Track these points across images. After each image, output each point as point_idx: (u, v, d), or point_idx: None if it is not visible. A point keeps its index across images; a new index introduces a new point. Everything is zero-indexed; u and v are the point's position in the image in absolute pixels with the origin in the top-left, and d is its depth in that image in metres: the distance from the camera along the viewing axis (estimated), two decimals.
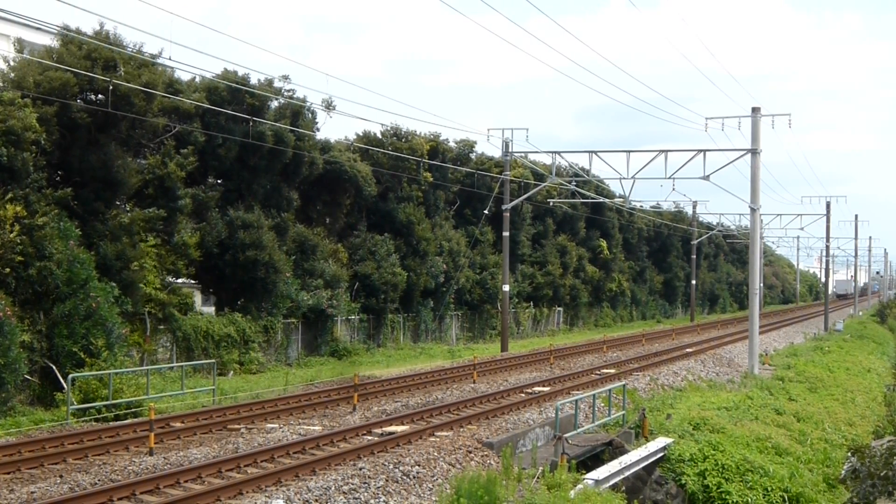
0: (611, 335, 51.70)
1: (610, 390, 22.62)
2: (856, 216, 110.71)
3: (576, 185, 51.75)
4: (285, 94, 34.91)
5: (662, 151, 36.51)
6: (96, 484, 14.40)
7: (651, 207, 66.76)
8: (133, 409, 21.04)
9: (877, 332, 66.23)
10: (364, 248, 40.56)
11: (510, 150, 41.59)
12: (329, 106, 35.53)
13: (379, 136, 43.98)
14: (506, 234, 42.16)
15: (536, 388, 26.46)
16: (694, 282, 78.25)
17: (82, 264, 23.21)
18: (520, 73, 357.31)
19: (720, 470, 19.25)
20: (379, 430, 19.01)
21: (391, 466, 15.77)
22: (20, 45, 26.46)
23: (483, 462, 17.23)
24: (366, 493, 14.33)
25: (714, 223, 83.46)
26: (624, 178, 38.27)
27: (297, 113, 35.48)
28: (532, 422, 21.03)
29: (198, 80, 32.04)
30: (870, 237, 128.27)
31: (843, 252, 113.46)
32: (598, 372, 31.76)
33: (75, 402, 20.40)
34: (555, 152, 41.30)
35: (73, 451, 16.61)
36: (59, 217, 23.60)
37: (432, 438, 18.60)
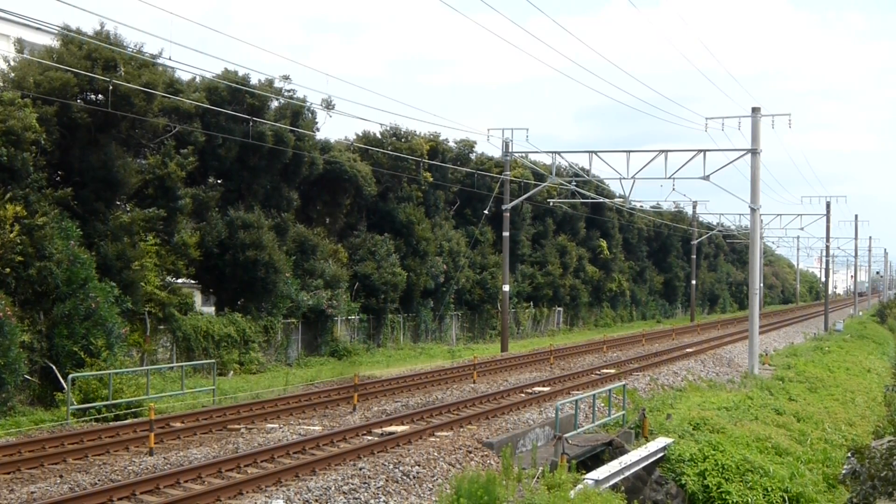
0: (611, 335, 51.69)
1: (610, 390, 22.62)
2: (856, 216, 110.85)
3: (576, 185, 51.74)
4: (285, 94, 34.91)
5: (662, 151, 36.55)
6: (96, 484, 14.40)
7: (651, 207, 66.74)
8: (133, 409, 21.03)
9: (877, 332, 66.24)
10: (364, 248, 40.56)
11: (510, 150, 41.58)
12: (329, 106, 35.54)
13: (379, 136, 43.99)
14: (506, 234, 42.15)
15: (536, 388, 26.46)
16: (694, 282, 78.24)
17: (82, 264, 23.20)
18: (520, 73, 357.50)
19: (720, 470, 19.25)
20: (379, 430, 19.01)
21: (391, 466, 15.77)
22: (20, 45, 26.45)
23: (483, 462, 17.23)
24: (366, 493, 14.33)
25: (714, 223, 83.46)
26: (624, 178, 38.30)
27: (297, 113, 35.47)
28: (532, 422, 21.02)
29: (198, 80, 32.04)
30: (870, 237, 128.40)
31: (843, 252, 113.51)
32: (598, 372, 31.76)
33: (75, 402, 20.40)
34: (555, 152, 41.31)
35: (73, 451, 16.60)
36: (61, 217, 23.60)
37: (432, 438, 18.60)
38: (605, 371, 32.03)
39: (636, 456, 18.79)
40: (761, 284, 62.04)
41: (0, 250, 21.62)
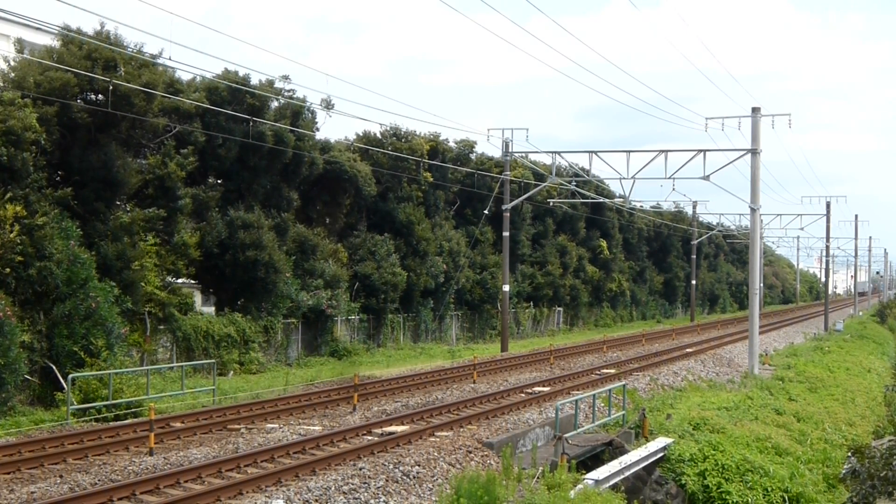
0: (611, 335, 51.69)
1: (610, 390, 22.61)
2: (856, 216, 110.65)
3: (576, 185, 51.74)
4: (285, 94, 34.90)
5: (662, 151, 36.55)
6: (96, 484, 14.40)
7: (651, 207, 66.77)
8: (133, 409, 21.04)
9: (877, 332, 66.23)
10: (364, 248, 40.56)
11: (510, 150, 41.58)
12: (329, 106, 35.54)
13: (379, 136, 43.98)
14: (506, 234, 42.15)
15: (536, 388, 26.45)
16: (694, 282, 78.23)
17: (82, 264, 23.21)
18: (520, 73, 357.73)
19: (720, 470, 19.25)
20: (379, 430, 19.01)
21: (391, 466, 15.77)
22: (20, 45, 26.45)
23: (483, 462, 17.23)
24: (366, 494, 14.33)
25: (714, 223, 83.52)
26: (624, 178, 38.30)
27: (297, 113, 35.47)
28: (532, 422, 21.02)
29: (198, 80, 32.03)
30: (870, 237, 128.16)
31: (843, 252, 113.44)
32: (598, 372, 31.75)
33: (75, 402, 20.40)
34: (555, 152, 41.32)
35: (73, 451, 16.60)
36: (61, 217, 23.59)
37: (432, 438, 18.60)
38: (605, 371, 32.03)
39: (636, 456, 18.79)
40: (761, 284, 62.06)
41: (0, 250, 21.62)
